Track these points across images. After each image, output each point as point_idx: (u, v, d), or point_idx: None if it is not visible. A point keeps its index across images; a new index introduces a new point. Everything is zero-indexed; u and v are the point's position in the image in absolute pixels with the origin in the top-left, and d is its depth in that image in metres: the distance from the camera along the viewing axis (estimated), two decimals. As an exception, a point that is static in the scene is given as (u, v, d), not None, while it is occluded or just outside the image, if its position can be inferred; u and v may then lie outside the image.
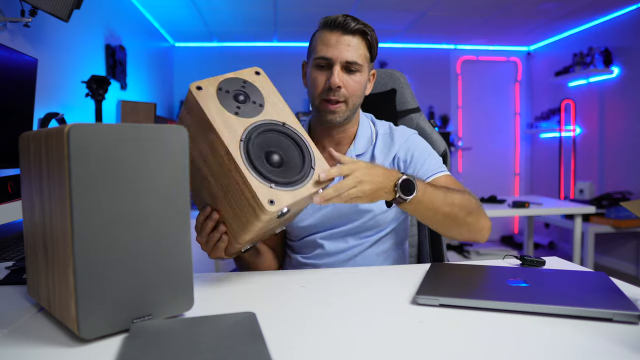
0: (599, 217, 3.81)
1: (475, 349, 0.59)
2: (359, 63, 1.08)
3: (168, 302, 0.67)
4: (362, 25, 1.08)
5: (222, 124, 0.82)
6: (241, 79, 0.90)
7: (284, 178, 0.82)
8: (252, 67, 0.93)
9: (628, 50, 4.05)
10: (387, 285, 0.86)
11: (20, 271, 0.95)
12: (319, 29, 1.12)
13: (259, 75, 0.92)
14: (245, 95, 0.88)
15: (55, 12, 1.88)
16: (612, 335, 0.62)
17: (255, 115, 0.86)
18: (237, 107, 0.86)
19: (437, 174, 1.11)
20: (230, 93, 0.87)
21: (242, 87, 0.88)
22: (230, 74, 0.90)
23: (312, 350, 0.60)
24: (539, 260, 0.98)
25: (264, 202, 0.77)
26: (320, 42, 1.09)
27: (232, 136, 0.81)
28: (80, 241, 0.59)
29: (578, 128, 4.66)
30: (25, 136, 0.72)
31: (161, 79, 4.57)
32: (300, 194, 0.82)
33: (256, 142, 0.83)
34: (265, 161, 0.83)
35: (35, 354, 0.59)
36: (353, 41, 1.07)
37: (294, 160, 0.86)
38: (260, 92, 0.90)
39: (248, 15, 4.15)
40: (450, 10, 4.04)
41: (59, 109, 2.32)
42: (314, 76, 1.10)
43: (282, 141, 0.87)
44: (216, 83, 0.87)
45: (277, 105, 0.90)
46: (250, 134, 0.83)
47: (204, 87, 0.85)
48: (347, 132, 1.18)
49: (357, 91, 1.10)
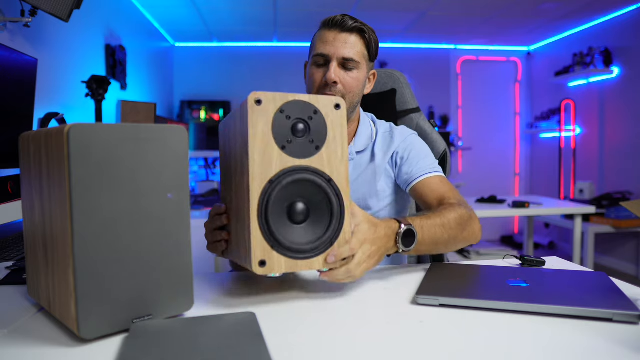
0: (599, 217, 3.81)
1: (475, 349, 0.59)
2: (356, 60, 1.09)
3: (168, 302, 0.67)
4: (360, 24, 1.10)
5: (259, 153, 0.71)
6: (314, 107, 0.76)
7: (294, 242, 0.73)
8: (335, 96, 0.81)
9: (628, 50, 4.05)
10: (387, 285, 0.86)
11: (20, 271, 0.95)
12: (319, 29, 1.14)
13: (338, 110, 0.78)
14: (306, 129, 0.75)
15: (55, 12, 1.88)
16: (612, 335, 0.62)
17: (304, 157, 0.74)
18: (288, 140, 0.74)
19: (431, 173, 1.12)
20: (290, 120, 0.74)
21: (308, 118, 0.75)
22: (307, 96, 0.76)
23: (312, 350, 0.60)
24: (539, 260, 0.98)
25: (254, 261, 0.71)
26: (319, 40, 1.11)
27: (261, 172, 0.72)
28: (80, 241, 0.59)
29: (578, 128, 4.66)
30: (25, 136, 0.72)
31: (161, 79, 4.57)
32: (301, 266, 0.74)
33: (286, 189, 0.73)
34: (287, 213, 0.74)
35: (35, 354, 0.59)
36: (350, 39, 1.09)
37: (319, 225, 0.76)
38: (326, 131, 0.76)
39: (248, 15, 4.15)
40: (450, 10, 4.04)
41: (59, 109, 2.32)
42: (311, 73, 1.12)
43: (317, 197, 0.76)
44: (281, 102, 0.74)
45: (336, 153, 0.77)
46: (284, 178, 0.73)
47: (264, 103, 0.73)
48: (349, 129, 1.19)
49: (353, 88, 1.11)
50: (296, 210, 0.75)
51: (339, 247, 0.76)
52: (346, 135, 0.77)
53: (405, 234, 0.85)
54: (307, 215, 0.76)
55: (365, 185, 1.18)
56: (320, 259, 0.75)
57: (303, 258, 0.74)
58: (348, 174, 0.78)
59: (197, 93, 5.02)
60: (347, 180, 0.77)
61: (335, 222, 0.76)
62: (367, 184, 1.18)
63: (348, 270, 0.76)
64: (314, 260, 0.75)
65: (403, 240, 0.85)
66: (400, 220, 0.86)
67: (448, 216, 0.95)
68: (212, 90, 5.05)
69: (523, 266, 0.97)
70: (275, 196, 0.72)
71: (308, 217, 0.76)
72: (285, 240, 0.73)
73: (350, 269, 0.76)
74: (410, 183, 1.13)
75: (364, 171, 1.19)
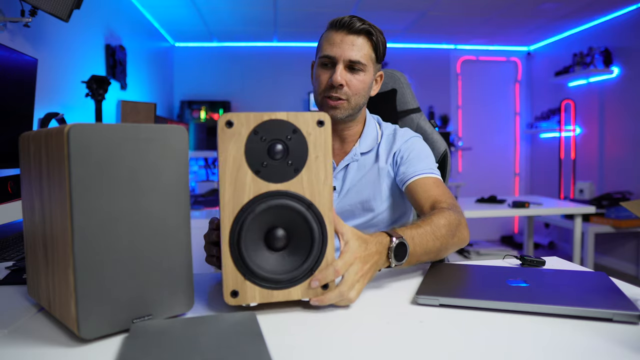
0: (599, 217, 3.81)
1: (475, 349, 0.59)
2: (363, 62, 1.09)
3: (168, 302, 0.67)
4: (368, 26, 1.09)
5: (230, 179, 0.68)
6: (292, 126, 0.70)
7: (270, 271, 0.70)
8: (319, 111, 0.73)
9: (628, 50, 4.05)
10: (387, 285, 0.86)
11: (20, 271, 0.95)
12: (326, 29, 1.14)
13: (322, 128, 0.71)
14: (284, 151, 0.70)
15: (55, 12, 1.88)
16: (612, 335, 0.62)
17: (281, 181, 0.70)
18: (263, 164, 0.69)
19: (426, 174, 1.11)
20: (265, 142, 0.69)
21: (286, 138, 0.70)
22: (285, 114, 0.70)
23: (312, 350, 0.60)
24: (539, 260, 0.98)
25: (226, 291, 0.68)
26: (325, 42, 1.11)
27: (232, 199, 0.68)
28: (80, 241, 0.59)
29: (578, 128, 4.66)
30: (25, 136, 0.72)
31: (161, 79, 4.57)
32: (277, 296, 0.70)
33: (262, 215, 0.69)
34: (264, 240, 0.71)
35: (35, 354, 0.59)
36: (358, 41, 1.09)
37: (299, 253, 0.71)
38: (307, 151, 0.71)
39: (248, 15, 4.15)
40: (450, 10, 4.04)
41: (59, 109, 2.32)
42: (318, 74, 1.12)
43: (297, 223, 0.71)
44: (255, 123, 0.69)
45: (318, 176, 0.71)
46: (257, 205, 0.68)
47: (236, 125, 0.68)
48: (352, 130, 1.19)
49: (360, 90, 1.11)
50: (275, 236, 0.71)
51: (320, 271, 0.72)
52: (330, 155, 0.72)
53: (397, 247, 0.81)
54: (287, 241, 0.72)
55: (369, 187, 1.18)
56: (298, 289, 0.71)
57: (279, 288, 0.70)
58: (332, 198, 0.72)
59: (197, 93, 5.02)
60: (330, 205, 0.72)
61: (316, 250, 0.71)
62: (370, 185, 1.18)
63: (340, 293, 0.72)
64: (292, 290, 0.71)
65: (395, 254, 0.81)
66: (391, 234, 0.82)
67: (438, 223, 0.92)
68: (212, 90, 5.05)
69: (523, 266, 0.97)
70: (248, 224, 0.68)
71: (288, 245, 0.72)
72: (260, 269, 0.69)
73: (343, 291, 0.72)
74: (405, 182, 1.13)
75: (368, 172, 1.19)
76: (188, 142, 0.69)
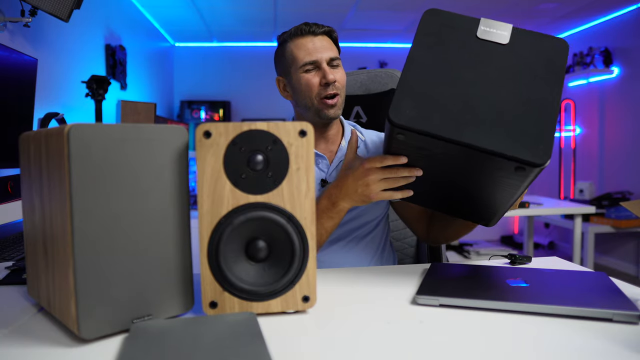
0: (599, 217, 3.81)
1: (475, 349, 0.59)
2: (338, 57, 1.15)
3: (168, 302, 0.67)
4: (326, 27, 1.16)
5: (208, 191, 0.67)
6: (273, 136, 0.68)
7: (250, 283, 0.69)
8: (301, 121, 0.70)
9: (628, 50, 4.04)
10: (387, 285, 0.86)
11: (20, 271, 0.95)
12: (285, 42, 1.15)
13: (304, 138, 0.69)
14: (264, 162, 0.68)
15: (55, 12, 1.88)
16: (612, 335, 0.62)
17: (261, 193, 0.69)
18: (242, 175, 0.68)
19: None
20: (244, 152, 0.68)
21: (266, 148, 0.69)
22: (266, 124, 0.68)
23: (312, 350, 0.60)
24: (526, 256, 1.00)
25: (204, 302, 0.68)
26: (299, 51, 1.12)
27: (210, 211, 0.67)
28: (80, 241, 0.59)
29: (578, 128, 4.66)
30: (25, 136, 0.72)
31: (161, 79, 4.57)
32: (256, 308, 0.70)
33: (241, 227, 0.68)
34: (245, 251, 0.70)
35: (35, 354, 0.59)
36: (324, 41, 1.14)
37: (280, 265, 0.71)
38: (287, 162, 0.69)
39: (248, 15, 4.15)
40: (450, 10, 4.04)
41: (59, 109, 2.32)
42: (305, 81, 1.12)
43: (277, 235, 0.70)
44: (234, 133, 0.67)
45: (299, 187, 0.69)
46: (235, 217, 0.68)
47: (214, 136, 0.67)
48: (334, 130, 1.21)
49: (344, 83, 1.17)
50: (256, 247, 0.70)
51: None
52: (313, 166, 0.70)
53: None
54: (269, 252, 0.71)
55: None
56: (278, 301, 0.70)
57: (258, 300, 0.69)
58: (314, 210, 0.71)
59: (197, 93, 5.02)
60: (312, 217, 0.70)
61: (297, 263, 0.70)
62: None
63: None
64: (272, 302, 0.70)
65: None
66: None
67: None
68: (212, 90, 5.05)
69: (513, 265, 0.98)
70: (226, 236, 0.68)
71: (269, 256, 0.71)
72: (239, 281, 0.69)
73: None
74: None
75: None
76: (188, 142, 0.69)
